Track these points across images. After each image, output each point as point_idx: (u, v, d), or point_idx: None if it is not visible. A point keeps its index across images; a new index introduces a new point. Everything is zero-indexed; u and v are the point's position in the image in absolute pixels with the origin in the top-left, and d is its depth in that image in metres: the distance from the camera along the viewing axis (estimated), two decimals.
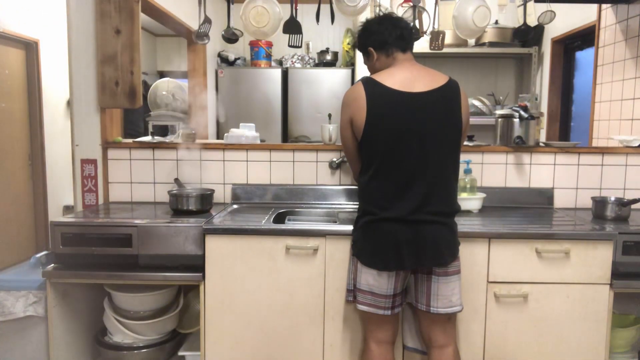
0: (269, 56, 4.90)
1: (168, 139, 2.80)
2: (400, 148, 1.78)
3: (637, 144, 2.58)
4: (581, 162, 2.60)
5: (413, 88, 1.79)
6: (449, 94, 1.83)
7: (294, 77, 4.77)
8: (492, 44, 4.12)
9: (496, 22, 4.09)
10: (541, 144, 2.66)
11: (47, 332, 2.22)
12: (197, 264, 2.12)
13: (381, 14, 2.32)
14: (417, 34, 2.58)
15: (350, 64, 4.84)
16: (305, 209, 2.54)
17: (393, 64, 1.88)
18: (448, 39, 3.81)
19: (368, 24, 1.95)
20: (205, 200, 2.37)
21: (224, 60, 4.94)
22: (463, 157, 1.96)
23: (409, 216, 1.78)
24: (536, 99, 4.10)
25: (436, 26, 2.75)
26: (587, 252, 2.06)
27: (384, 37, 1.88)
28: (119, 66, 2.53)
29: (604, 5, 3.21)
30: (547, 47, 4.07)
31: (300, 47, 2.69)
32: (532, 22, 2.93)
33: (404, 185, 1.79)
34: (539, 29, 3.08)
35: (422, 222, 1.78)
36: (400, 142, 1.78)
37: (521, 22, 2.91)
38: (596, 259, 2.06)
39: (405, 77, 1.81)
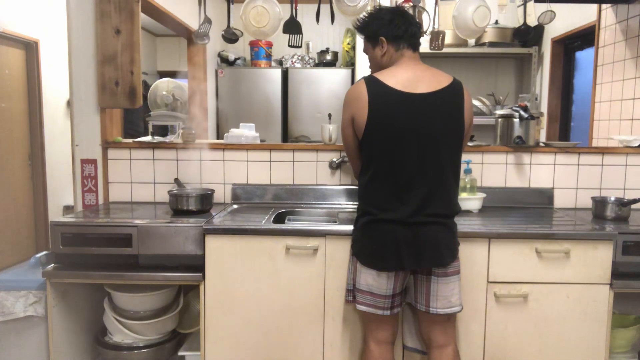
0: (269, 56, 4.90)
1: (168, 139, 2.80)
2: (401, 150, 1.78)
3: (637, 144, 2.58)
4: (581, 162, 2.60)
5: (415, 89, 1.78)
6: (451, 96, 1.81)
7: (294, 77, 4.77)
8: (492, 44, 4.12)
9: (496, 22, 4.09)
10: (541, 144, 2.66)
11: (47, 332, 2.22)
12: (197, 264, 2.11)
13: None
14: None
15: (350, 64, 4.84)
16: (305, 209, 2.54)
17: (398, 61, 1.85)
18: (448, 39, 3.81)
19: (380, 12, 1.90)
20: (205, 200, 2.37)
21: (224, 60, 4.94)
22: (463, 157, 1.96)
23: (408, 219, 1.77)
24: (536, 99, 4.10)
25: (436, 26, 2.75)
26: (587, 252, 2.05)
27: (398, 30, 1.84)
28: (119, 66, 2.53)
29: (604, 5, 3.21)
30: (547, 47, 4.07)
31: (300, 47, 2.69)
32: (532, 22, 2.94)
33: (404, 187, 1.78)
34: (539, 29, 3.08)
35: (422, 223, 1.78)
36: (400, 144, 1.77)
37: (521, 22, 2.91)
38: (596, 259, 2.06)
39: (408, 77, 1.80)
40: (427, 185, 1.78)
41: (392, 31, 1.85)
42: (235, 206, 2.56)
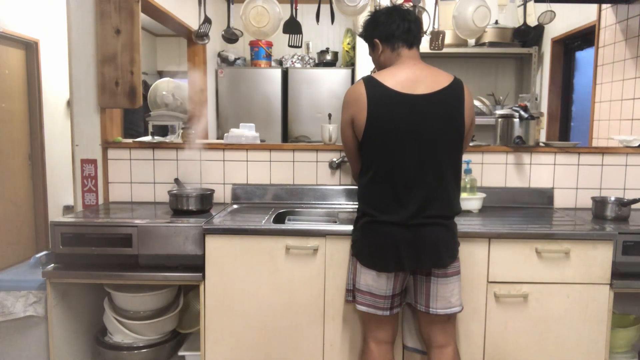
0: (269, 56, 4.90)
1: (168, 139, 2.80)
2: (400, 151, 1.77)
3: (637, 144, 2.58)
4: (581, 162, 2.60)
5: (415, 90, 1.77)
6: (451, 96, 1.80)
7: (294, 77, 4.77)
8: (492, 44, 4.13)
9: (496, 22, 4.09)
10: (541, 144, 2.66)
11: (47, 332, 2.22)
12: (197, 264, 2.11)
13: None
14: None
15: (350, 64, 4.84)
16: (305, 209, 2.54)
17: (397, 61, 1.85)
18: (448, 39, 3.81)
19: (376, 14, 1.90)
20: (205, 200, 2.37)
21: (224, 60, 4.94)
22: (463, 157, 1.96)
23: (408, 221, 1.77)
24: (536, 99, 4.10)
25: (436, 26, 2.75)
26: (587, 252, 2.05)
27: (391, 29, 1.83)
28: (119, 66, 2.53)
29: (604, 5, 3.21)
30: (547, 47, 4.07)
31: (300, 47, 2.69)
32: (532, 22, 2.94)
33: (404, 189, 1.77)
34: (539, 29, 3.08)
35: (422, 224, 1.78)
36: (400, 146, 1.77)
37: (521, 22, 2.91)
38: (596, 259, 2.06)
39: (407, 78, 1.79)
40: (427, 187, 1.77)
41: (385, 30, 1.85)
42: (235, 206, 2.56)
